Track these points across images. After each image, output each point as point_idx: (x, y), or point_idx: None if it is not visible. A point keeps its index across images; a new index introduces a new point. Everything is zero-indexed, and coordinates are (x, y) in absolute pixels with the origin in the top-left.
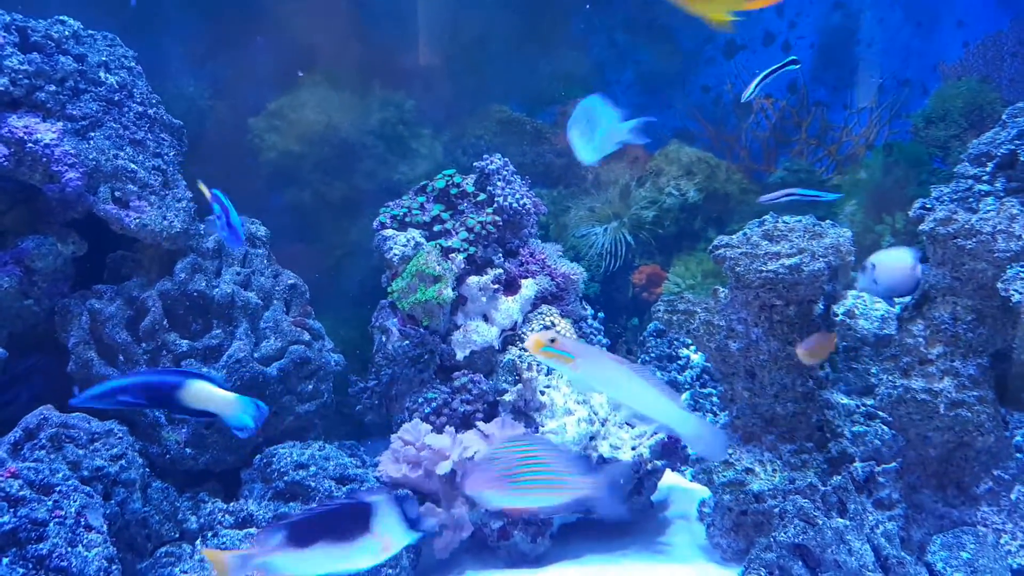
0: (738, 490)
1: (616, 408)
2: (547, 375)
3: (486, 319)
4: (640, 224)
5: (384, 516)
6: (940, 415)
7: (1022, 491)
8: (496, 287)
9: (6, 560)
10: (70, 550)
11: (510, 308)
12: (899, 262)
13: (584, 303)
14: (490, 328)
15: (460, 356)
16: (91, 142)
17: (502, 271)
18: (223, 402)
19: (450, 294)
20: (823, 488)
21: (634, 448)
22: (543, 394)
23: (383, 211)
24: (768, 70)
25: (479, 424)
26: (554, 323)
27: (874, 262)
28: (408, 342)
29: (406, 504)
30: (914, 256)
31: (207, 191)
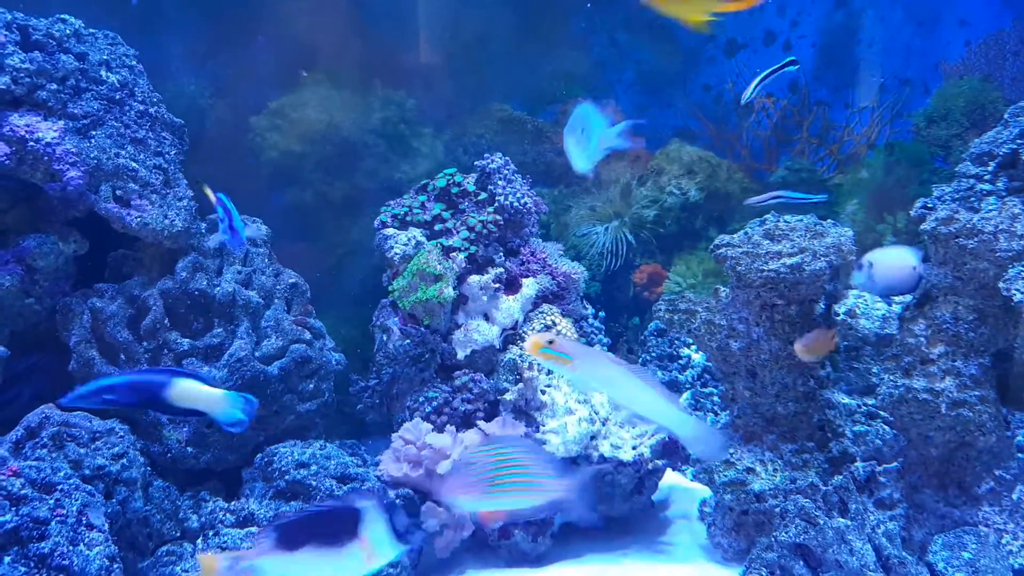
0: (739, 490)
1: (616, 408)
2: (548, 374)
3: (487, 318)
4: (641, 223)
5: (372, 525)
6: (942, 415)
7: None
8: (497, 286)
9: (8, 559)
10: (72, 549)
11: (511, 307)
12: (897, 260)
13: (585, 302)
14: (491, 327)
15: (461, 355)
16: (92, 141)
17: (503, 270)
18: (211, 399)
19: (451, 293)
20: (824, 488)
21: (635, 447)
22: (544, 393)
23: (384, 210)
24: (767, 71)
25: (480, 423)
26: (555, 322)
27: (871, 260)
28: (409, 341)
29: (395, 515)
30: (913, 255)
31: (212, 194)
